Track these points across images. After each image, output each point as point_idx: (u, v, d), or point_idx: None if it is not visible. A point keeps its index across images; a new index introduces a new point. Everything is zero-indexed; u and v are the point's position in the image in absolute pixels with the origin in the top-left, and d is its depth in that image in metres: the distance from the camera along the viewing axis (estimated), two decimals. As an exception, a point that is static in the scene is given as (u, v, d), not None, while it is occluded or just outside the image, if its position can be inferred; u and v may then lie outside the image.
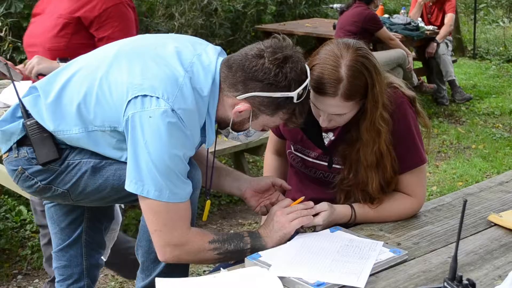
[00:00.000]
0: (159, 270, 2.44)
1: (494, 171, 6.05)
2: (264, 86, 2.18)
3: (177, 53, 2.26)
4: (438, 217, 2.51)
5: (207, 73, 2.24)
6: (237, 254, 2.26)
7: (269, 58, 2.17)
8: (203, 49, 2.32)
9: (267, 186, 2.53)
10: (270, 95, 2.19)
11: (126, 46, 2.38)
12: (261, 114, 2.25)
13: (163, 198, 2.17)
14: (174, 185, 2.17)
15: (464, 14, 13.65)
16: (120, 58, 2.29)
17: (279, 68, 2.17)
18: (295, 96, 2.19)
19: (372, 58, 2.32)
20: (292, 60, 2.19)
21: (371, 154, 2.37)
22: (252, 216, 5.08)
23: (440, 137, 7.03)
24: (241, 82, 2.20)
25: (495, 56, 11.17)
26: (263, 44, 2.23)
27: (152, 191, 2.16)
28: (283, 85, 2.18)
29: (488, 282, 2.01)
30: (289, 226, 2.28)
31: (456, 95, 8.22)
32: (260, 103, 2.22)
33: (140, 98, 2.15)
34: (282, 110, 2.23)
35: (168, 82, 2.17)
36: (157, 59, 2.25)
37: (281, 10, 10.29)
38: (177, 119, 2.13)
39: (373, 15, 7.13)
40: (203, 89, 2.22)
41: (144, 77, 2.19)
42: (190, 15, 8.83)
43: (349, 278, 2.00)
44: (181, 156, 2.17)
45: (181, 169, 2.19)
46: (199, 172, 2.36)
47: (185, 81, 2.18)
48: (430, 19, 8.49)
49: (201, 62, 2.26)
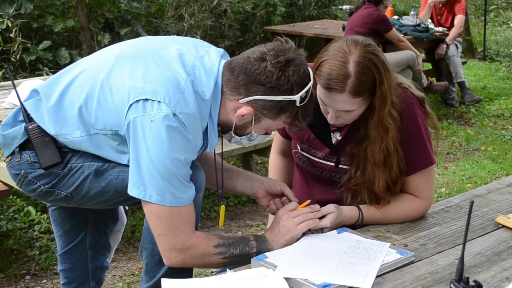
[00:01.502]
0: (163, 272, 2.43)
1: (504, 173, 6.03)
2: (266, 90, 2.17)
3: (180, 56, 2.26)
4: (446, 218, 2.50)
5: (210, 76, 2.23)
6: (242, 258, 2.25)
7: (271, 62, 2.16)
8: (206, 52, 2.31)
9: (278, 193, 2.52)
10: (273, 99, 2.18)
11: (128, 48, 2.37)
12: (263, 117, 2.24)
13: (166, 203, 2.16)
14: (176, 189, 2.17)
15: (474, 16, 13.60)
16: (122, 60, 2.28)
17: (282, 71, 2.16)
18: (298, 99, 2.18)
19: (381, 55, 2.31)
20: (295, 63, 2.18)
21: (378, 151, 2.36)
22: (260, 217, 5.08)
23: (450, 139, 7.01)
24: (243, 85, 2.20)
25: (505, 58, 11.12)
26: (265, 47, 2.22)
27: (154, 195, 2.16)
28: (285, 89, 2.17)
29: (496, 284, 2.00)
30: (296, 230, 2.28)
31: (466, 97, 8.19)
32: (263, 107, 2.21)
33: (142, 102, 2.14)
34: (285, 113, 2.22)
35: (170, 86, 2.16)
36: (159, 62, 2.24)
37: (290, 11, 10.28)
38: (179, 123, 2.13)
39: (383, 16, 7.11)
40: (205, 92, 2.21)
41: (146, 80, 2.18)
42: (199, 16, 8.84)
43: (355, 280, 1.99)
44: (182, 160, 2.16)
45: (183, 173, 2.18)
46: (202, 174, 2.35)
47: (187, 85, 2.18)
48: (440, 21, 8.46)
49: (204, 64, 2.25)
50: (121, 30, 7.38)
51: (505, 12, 14.39)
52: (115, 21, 7.55)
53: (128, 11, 7.62)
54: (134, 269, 4.26)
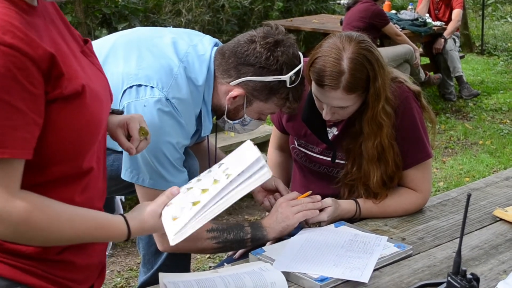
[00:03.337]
0: (160, 263, 2.44)
1: (502, 167, 6.03)
2: (256, 70, 2.20)
3: (173, 44, 2.29)
4: (443, 212, 2.50)
5: (202, 63, 2.26)
6: (237, 244, 2.26)
7: (260, 43, 2.20)
8: (199, 40, 2.34)
9: (273, 188, 2.52)
10: (263, 79, 2.21)
11: (122, 37, 2.40)
12: (255, 100, 2.26)
13: (158, 186, 2.18)
14: (169, 173, 2.19)
15: (472, 10, 13.60)
16: (116, 49, 2.31)
17: (270, 51, 2.19)
18: (288, 80, 2.20)
19: (375, 51, 2.31)
20: (284, 44, 2.21)
21: (372, 147, 2.36)
22: (258, 212, 5.08)
23: (447, 133, 7.01)
24: (233, 67, 2.23)
25: (503, 52, 11.12)
26: (255, 31, 2.27)
27: (147, 179, 2.18)
28: (274, 69, 2.20)
29: (493, 277, 2.00)
30: (293, 218, 2.28)
31: (464, 91, 8.19)
32: (253, 88, 2.23)
33: (135, 88, 2.17)
34: (276, 95, 2.24)
35: (163, 72, 2.19)
36: (152, 49, 2.27)
37: (288, 6, 10.28)
38: (171, 107, 2.16)
39: (380, 11, 7.12)
40: (198, 79, 2.24)
41: (139, 67, 2.21)
42: (197, 12, 8.84)
43: (353, 273, 1.99)
44: (174, 144, 2.19)
45: (175, 157, 2.20)
46: (196, 162, 2.37)
47: (179, 71, 2.21)
48: (438, 15, 8.45)
49: (196, 51, 2.28)
50: (119, 26, 7.36)
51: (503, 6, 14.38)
52: (112, 16, 7.54)
53: (126, 6, 7.61)
54: (132, 264, 4.26)
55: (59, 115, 1.52)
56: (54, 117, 1.51)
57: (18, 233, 1.51)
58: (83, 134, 1.60)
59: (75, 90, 1.54)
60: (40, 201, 1.53)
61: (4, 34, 1.41)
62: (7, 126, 1.43)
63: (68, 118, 1.54)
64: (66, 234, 1.58)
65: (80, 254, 1.70)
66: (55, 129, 1.52)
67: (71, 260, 1.68)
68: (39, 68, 1.45)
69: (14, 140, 1.44)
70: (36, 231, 1.52)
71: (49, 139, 1.52)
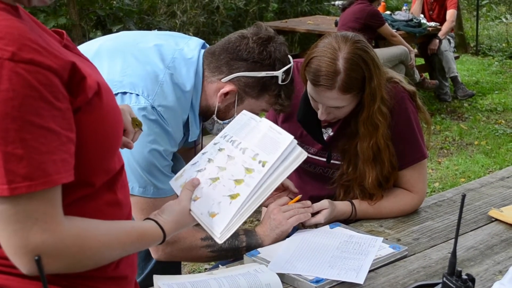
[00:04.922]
0: (151, 267, 2.42)
1: (497, 167, 6.03)
2: (249, 65, 2.19)
3: (159, 49, 2.26)
4: (439, 212, 2.50)
5: (190, 67, 2.23)
6: (232, 253, 2.25)
7: (253, 38, 2.20)
8: (185, 43, 2.32)
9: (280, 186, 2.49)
10: (255, 75, 2.20)
11: (106, 43, 2.36)
12: (246, 97, 2.25)
13: (148, 194, 2.17)
14: (158, 181, 2.17)
15: (466, 11, 13.61)
16: (101, 54, 2.27)
17: (263, 46, 2.19)
18: (280, 76, 2.19)
19: (371, 51, 2.30)
20: (275, 40, 2.21)
21: (367, 148, 2.36)
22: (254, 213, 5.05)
23: (443, 134, 7.01)
24: (225, 63, 2.21)
25: (498, 52, 11.14)
26: (245, 30, 2.26)
27: (136, 187, 2.16)
28: (267, 63, 2.19)
29: (489, 278, 2.00)
30: (286, 224, 2.27)
31: (459, 92, 8.19)
32: (245, 84, 2.22)
33: (120, 95, 2.15)
34: (268, 92, 2.23)
35: (148, 79, 2.16)
36: (138, 55, 2.24)
37: (283, 7, 10.29)
38: (157, 116, 2.13)
39: (375, 11, 7.12)
40: (186, 84, 2.21)
41: (124, 74, 2.18)
42: (192, 13, 8.84)
43: (348, 274, 1.99)
44: (161, 152, 2.16)
45: (164, 164, 2.18)
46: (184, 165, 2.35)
47: (165, 78, 2.18)
48: (432, 16, 8.46)
49: (183, 56, 2.25)
50: (113, 27, 7.36)
51: (497, 7, 14.39)
52: (107, 18, 7.54)
53: (120, 8, 7.61)
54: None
55: (88, 121, 1.42)
56: (82, 126, 1.40)
57: (73, 263, 1.41)
58: (110, 133, 1.51)
59: (94, 90, 1.43)
60: (86, 225, 1.44)
61: (20, 50, 1.26)
62: (44, 152, 1.29)
63: (99, 119, 1.45)
64: (117, 251, 1.52)
65: (128, 267, 1.65)
66: (86, 137, 1.41)
67: (125, 274, 1.64)
68: (61, 80, 1.32)
69: (55, 164, 1.31)
70: (91, 257, 1.44)
71: (83, 150, 1.41)
